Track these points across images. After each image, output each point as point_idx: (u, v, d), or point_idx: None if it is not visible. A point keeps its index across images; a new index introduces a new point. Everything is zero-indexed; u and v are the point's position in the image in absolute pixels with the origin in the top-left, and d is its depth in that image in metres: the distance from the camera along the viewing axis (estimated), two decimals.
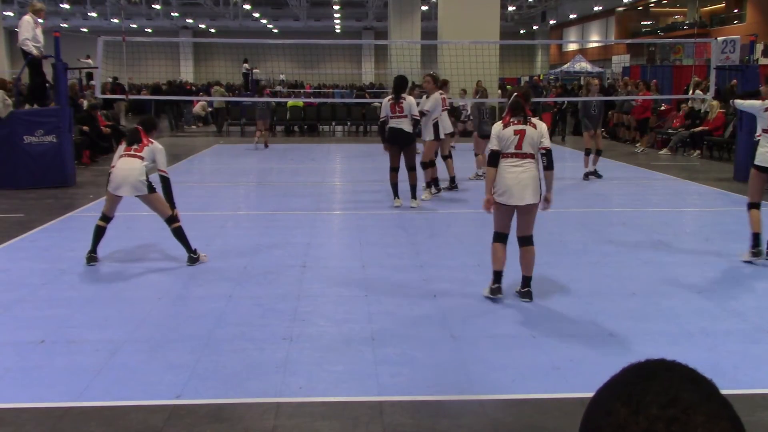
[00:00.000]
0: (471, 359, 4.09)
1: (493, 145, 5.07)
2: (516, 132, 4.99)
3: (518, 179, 4.94)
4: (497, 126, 5.09)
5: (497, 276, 5.12)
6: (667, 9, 45.06)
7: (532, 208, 5.02)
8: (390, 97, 8.78)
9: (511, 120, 5.02)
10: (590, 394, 0.79)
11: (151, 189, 5.98)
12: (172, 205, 6.07)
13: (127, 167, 5.93)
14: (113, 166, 6.05)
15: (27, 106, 10.74)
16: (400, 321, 4.73)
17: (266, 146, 16.42)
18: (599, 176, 11.30)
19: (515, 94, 5.15)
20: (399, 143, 8.69)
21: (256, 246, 6.78)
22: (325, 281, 5.69)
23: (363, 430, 3.27)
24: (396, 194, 8.89)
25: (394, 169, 8.80)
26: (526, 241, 5.10)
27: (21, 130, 10.06)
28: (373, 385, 3.73)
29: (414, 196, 8.85)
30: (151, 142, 6.10)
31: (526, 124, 5.00)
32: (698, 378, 0.74)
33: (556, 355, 4.12)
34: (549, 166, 5.07)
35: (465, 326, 4.65)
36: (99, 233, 6.13)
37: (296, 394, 3.63)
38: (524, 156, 4.98)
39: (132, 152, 6.00)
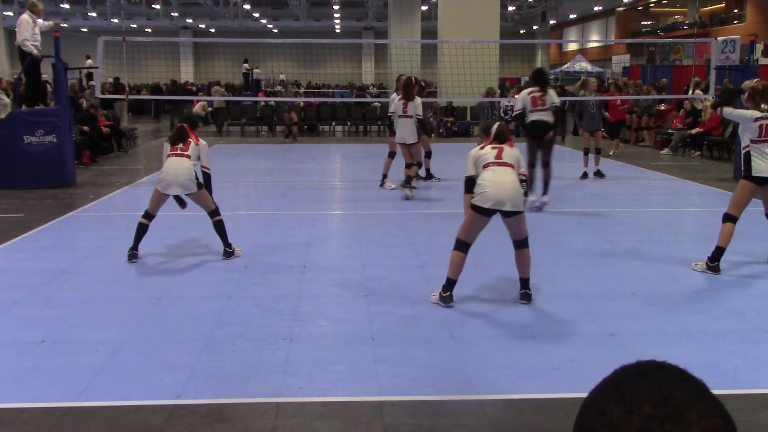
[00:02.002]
0: (471, 359, 4.09)
1: (469, 171, 5.02)
2: (494, 148, 5.03)
3: (497, 181, 4.85)
4: (474, 150, 5.08)
5: (451, 284, 4.99)
6: (667, 9, 45.07)
7: (517, 216, 4.91)
8: (532, 89, 8.61)
9: (491, 144, 5.07)
10: None
11: (199, 186, 6.14)
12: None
13: (176, 167, 6.04)
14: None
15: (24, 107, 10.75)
16: (400, 321, 4.73)
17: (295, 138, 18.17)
18: (602, 175, 11.27)
19: (498, 123, 5.20)
20: (541, 136, 8.52)
21: (256, 246, 6.77)
22: (325, 281, 5.69)
23: (363, 430, 3.27)
24: (532, 189, 8.61)
25: (532, 165, 8.58)
26: (521, 244, 5.04)
27: (21, 130, 10.06)
28: (373, 385, 3.72)
29: (545, 192, 8.70)
30: (198, 140, 6.24)
31: (504, 144, 5.07)
32: (689, 377, 0.75)
33: (556, 355, 4.12)
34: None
35: (465, 326, 4.65)
36: (141, 231, 6.20)
37: (296, 394, 3.63)
38: (505, 164, 4.95)
39: (179, 151, 6.11)
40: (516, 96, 17.76)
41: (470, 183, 5.02)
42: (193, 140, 6.20)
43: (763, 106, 5.75)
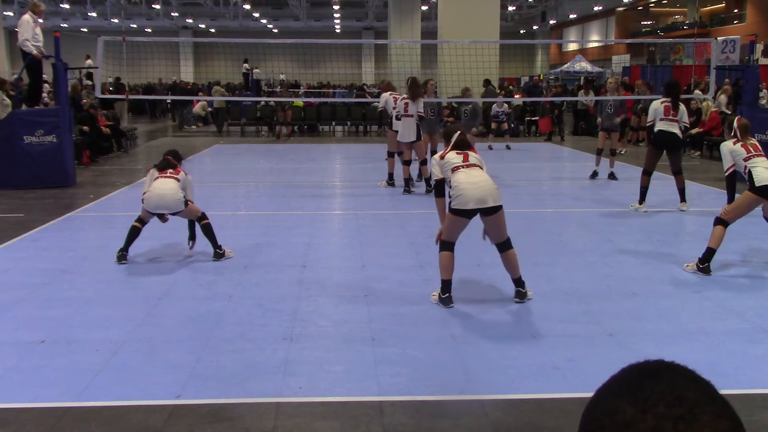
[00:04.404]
0: (471, 359, 4.09)
1: (437, 174, 5.10)
2: (458, 153, 5.10)
3: (473, 181, 4.89)
4: (435, 157, 5.18)
5: (447, 285, 4.99)
6: (667, 9, 45.08)
7: (498, 213, 4.90)
8: (665, 99, 8.49)
9: (452, 150, 5.15)
10: (590, 394, 0.79)
11: (185, 203, 6.21)
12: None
13: (164, 187, 6.14)
14: (145, 193, 6.23)
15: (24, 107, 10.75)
16: (400, 321, 4.73)
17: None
18: (615, 178, 11.24)
19: (458, 132, 5.25)
20: (667, 147, 8.43)
21: (256, 246, 6.78)
22: (325, 281, 5.69)
23: (363, 430, 3.27)
24: (643, 199, 8.58)
25: (646, 173, 8.51)
26: (504, 246, 5.01)
27: (21, 130, 10.06)
28: (373, 385, 3.72)
29: (683, 199, 8.66)
30: (185, 173, 6.38)
31: (467, 150, 5.16)
32: (699, 378, 0.76)
33: (556, 355, 4.12)
34: None
35: (465, 326, 4.65)
36: (133, 233, 6.23)
37: (296, 394, 3.63)
38: (473, 166, 5.02)
39: (168, 174, 6.24)
40: (503, 95, 17.87)
41: (441, 187, 5.14)
42: (180, 169, 6.36)
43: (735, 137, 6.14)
